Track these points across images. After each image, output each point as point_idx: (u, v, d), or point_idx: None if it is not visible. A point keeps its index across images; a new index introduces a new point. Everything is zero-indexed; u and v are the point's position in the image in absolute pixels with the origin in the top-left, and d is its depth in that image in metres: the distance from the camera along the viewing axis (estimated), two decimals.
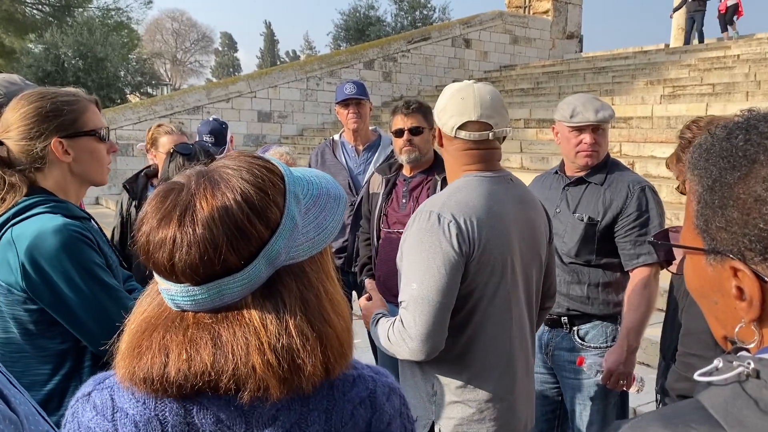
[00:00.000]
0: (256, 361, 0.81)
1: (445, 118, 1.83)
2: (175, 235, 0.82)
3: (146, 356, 0.83)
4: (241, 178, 0.85)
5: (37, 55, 17.78)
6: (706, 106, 8.92)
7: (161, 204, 0.85)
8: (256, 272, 0.84)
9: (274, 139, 14.08)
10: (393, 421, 0.93)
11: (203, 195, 0.84)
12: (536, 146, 9.36)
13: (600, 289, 2.54)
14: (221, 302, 0.85)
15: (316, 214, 0.91)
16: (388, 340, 1.75)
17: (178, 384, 0.81)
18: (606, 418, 2.56)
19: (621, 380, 2.39)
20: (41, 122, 1.59)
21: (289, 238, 0.86)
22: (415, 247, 1.71)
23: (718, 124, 0.75)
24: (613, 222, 2.49)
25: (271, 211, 0.85)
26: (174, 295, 0.85)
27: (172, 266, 0.83)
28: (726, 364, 0.65)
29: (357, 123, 3.70)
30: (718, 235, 0.70)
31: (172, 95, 14.25)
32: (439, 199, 1.78)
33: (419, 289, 1.67)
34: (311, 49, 59.14)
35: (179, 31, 54.56)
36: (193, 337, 0.83)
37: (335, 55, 15.99)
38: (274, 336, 0.82)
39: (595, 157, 2.55)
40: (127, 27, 22.94)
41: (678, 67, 12.57)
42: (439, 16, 24.99)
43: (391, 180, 3.12)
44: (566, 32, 19.10)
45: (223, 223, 0.82)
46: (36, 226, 1.51)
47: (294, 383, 0.83)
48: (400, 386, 0.99)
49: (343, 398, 0.90)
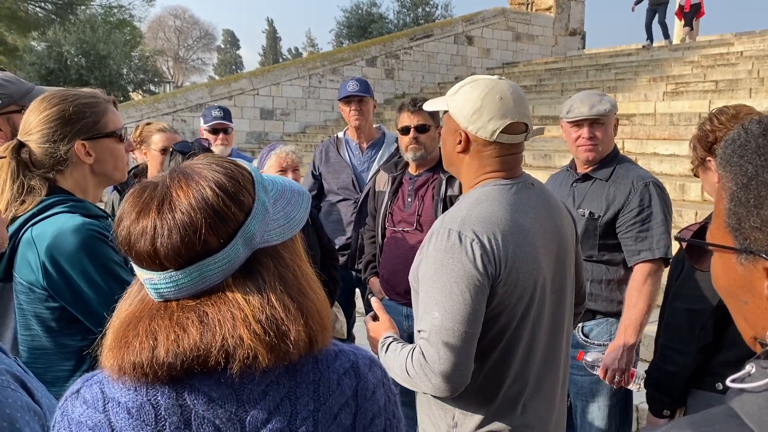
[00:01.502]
0: (242, 332, 0.85)
1: (482, 121, 1.61)
2: (155, 223, 0.87)
3: (134, 344, 0.85)
4: (212, 170, 0.91)
5: (40, 52, 17.77)
6: (709, 103, 8.90)
7: (138, 198, 0.90)
8: (234, 252, 0.88)
9: (277, 136, 14.07)
10: (377, 389, 0.97)
11: (178, 186, 0.89)
12: (539, 143, 9.35)
13: (603, 286, 2.55)
14: (203, 285, 0.88)
15: (284, 204, 0.97)
16: (407, 374, 1.55)
17: (168, 364, 0.84)
18: (609, 416, 2.57)
19: (618, 376, 2.40)
20: (64, 125, 1.62)
21: (262, 221, 0.92)
22: (435, 270, 1.53)
23: (752, 119, 0.73)
24: (615, 217, 2.50)
25: (243, 195, 0.90)
26: (157, 284, 0.88)
27: (154, 252, 0.86)
28: (759, 370, 0.63)
29: (359, 120, 3.71)
30: (751, 235, 0.68)
31: (174, 93, 14.25)
32: (457, 214, 1.59)
33: (442, 318, 1.49)
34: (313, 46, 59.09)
35: (181, 28, 54.50)
36: (179, 319, 0.86)
37: (338, 53, 15.97)
38: (257, 309, 0.87)
39: (595, 152, 2.56)
40: (129, 24, 22.95)
41: (681, 64, 12.54)
42: (442, 13, 24.92)
43: (396, 178, 3.12)
44: (569, 29, 19.04)
45: (201, 208, 0.87)
46: (55, 225, 1.54)
47: (281, 350, 0.87)
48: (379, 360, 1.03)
49: (328, 370, 0.94)
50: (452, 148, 1.70)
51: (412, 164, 3.06)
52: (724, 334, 1.81)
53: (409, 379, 1.56)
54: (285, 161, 2.94)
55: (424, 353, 1.52)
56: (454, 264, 1.52)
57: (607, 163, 2.59)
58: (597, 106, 2.52)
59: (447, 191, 2.93)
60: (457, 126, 1.66)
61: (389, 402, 0.99)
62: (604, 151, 2.58)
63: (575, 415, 2.66)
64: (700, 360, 1.84)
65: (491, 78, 1.69)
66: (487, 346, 1.58)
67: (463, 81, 1.73)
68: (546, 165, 8.45)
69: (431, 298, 1.53)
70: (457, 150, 1.68)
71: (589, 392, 2.58)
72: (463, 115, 1.64)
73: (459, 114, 1.65)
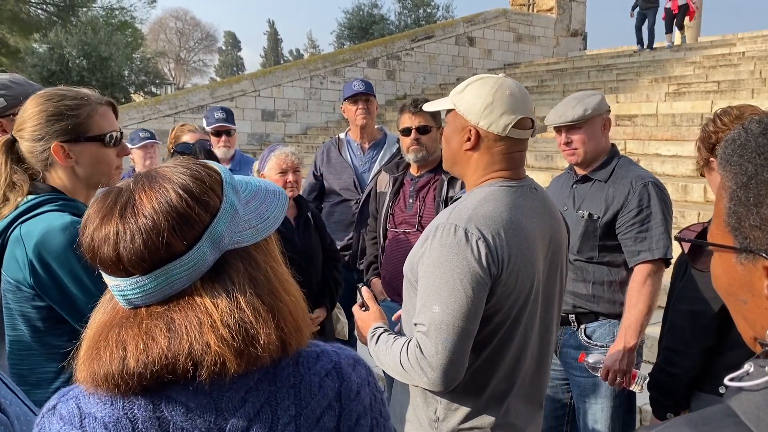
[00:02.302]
0: (210, 337, 0.83)
1: (494, 116, 1.63)
2: (117, 228, 0.85)
3: (104, 354, 0.84)
4: (178, 173, 0.89)
5: (41, 54, 17.81)
6: (712, 104, 8.89)
7: (102, 204, 0.88)
8: (200, 254, 0.86)
9: (278, 138, 14.07)
10: (361, 389, 0.95)
11: (142, 189, 0.87)
12: (541, 144, 9.34)
13: (605, 288, 2.54)
14: (171, 290, 0.86)
15: (256, 205, 0.95)
16: (401, 366, 1.56)
17: (138, 373, 0.82)
18: (612, 417, 2.56)
19: (619, 378, 2.39)
20: (44, 125, 1.61)
21: (230, 222, 0.89)
22: (438, 265, 1.54)
23: (752, 119, 0.73)
24: (614, 218, 2.48)
25: (209, 197, 0.88)
26: (124, 290, 0.87)
27: (117, 258, 0.85)
28: (757, 369, 0.63)
29: (366, 119, 3.71)
30: (751, 234, 0.68)
31: (176, 94, 14.26)
32: (464, 211, 1.60)
33: (442, 313, 1.51)
34: (315, 47, 59.12)
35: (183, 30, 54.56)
36: (148, 328, 0.85)
37: (339, 54, 15.97)
38: (225, 313, 0.85)
39: (576, 155, 2.56)
40: (131, 26, 22.97)
41: (683, 65, 12.53)
42: (443, 14, 24.93)
43: (398, 179, 3.12)
44: (570, 30, 19.03)
45: (164, 211, 0.85)
46: (44, 223, 1.53)
47: (251, 355, 0.85)
48: (363, 359, 1.01)
49: (309, 372, 0.92)
50: (459, 146, 1.70)
51: (413, 165, 3.06)
52: (727, 336, 1.79)
53: (403, 372, 1.56)
54: (285, 162, 2.94)
55: (421, 347, 1.52)
56: (458, 260, 1.52)
57: (605, 163, 2.58)
58: (568, 113, 2.52)
59: (449, 192, 2.93)
60: (466, 123, 1.67)
61: (375, 401, 0.97)
62: (589, 153, 2.55)
63: (578, 417, 2.65)
64: (703, 362, 1.83)
65: (496, 75, 1.71)
66: (478, 344, 1.59)
67: (467, 80, 1.74)
68: (548, 166, 8.44)
69: (432, 293, 1.54)
70: (466, 147, 1.68)
71: (591, 394, 2.57)
72: (473, 111, 1.65)
73: (469, 111, 1.66)
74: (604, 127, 2.59)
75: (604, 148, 2.60)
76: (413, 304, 1.64)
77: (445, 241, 1.55)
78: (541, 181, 7.36)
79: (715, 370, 1.83)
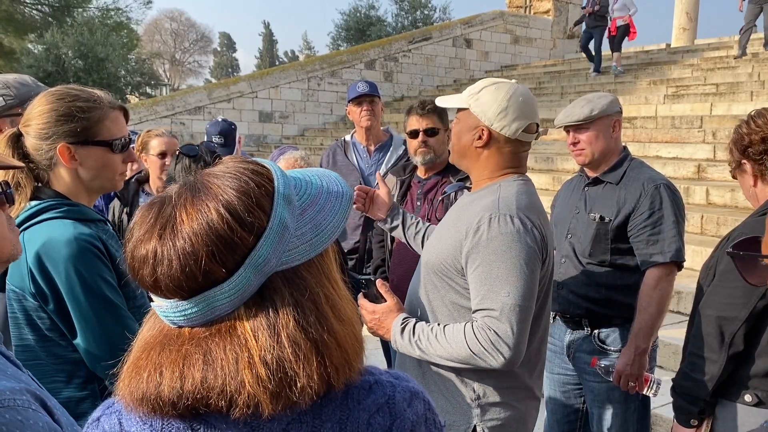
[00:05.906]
0: (245, 375, 0.78)
1: (507, 120, 1.77)
2: (155, 249, 0.80)
3: (142, 375, 0.81)
4: (224, 185, 0.82)
5: (37, 55, 17.74)
6: (711, 106, 8.91)
7: (145, 218, 0.83)
8: (243, 281, 0.80)
9: (275, 139, 14.05)
10: (416, 427, 0.87)
11: (183, 206, 0.81)
12: (540, 146, 9.34)
13: (618, 292, 2.51)
14: (213, 315, 0.81)
15: (313, 214, 0.87)
16: (469, 350, 1.65)
17: (172, 402, 0.78)
18: (626, 422, 2.53)
19: (631, 382, 2.36)
20: (53, 125, 1.57)
21: (278, 242, 0.82)
22: (502, 252, 1.65)
23: None
24: (626, 221, 2.46)
25: (254, 215, 0.81)
26: (165, 311, 0.83)
27: (155, 282, 0.81)
28: None
29: (371, 120, 3.68)
30: None
31: (173, 95, 14.22)
32: (508, 202, 1.72)
33: (514, 296, 1.63)
34: (310, 49, 59.11)
35: (178, 31, 54.51)
36: (187, 354, 0.80)
37: (336, 55, 15.96)
38: (265, 348, 0.79)
39: (583, 155, 2.56)
40: (126, 27, 22.88)
41: (681, 67, 12.55)
42: (440, 16, 24.98)
43: (405, 182, 3.09)
44: (567, 32, 19.07)
45: (203, 233, 0.79)
46: (47, 233, 1.51)
47: (287, 398, 0.78)
48: (424, 390, 0.93)
49: (357, 407, 0.85)
50: (470, 142, 1.83)
51: (421, 168, 3.03)
52: (755, 343, 1.76)
53: (471, 356, 1.64)
54: (293, 167, 2.90)
55: (495, 330, 1.63)
56: (522, 246, 1.65)
57: (617, 165, 2.55)
58: (575, 112, 2.54)
59: (456, 194, 2.90)
60: (479, 123, 1.81)
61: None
62: (597, 153, 2.54)
63: (591, 423, 2.63)
64: (729, 369, 1.80)
65: (510, 81, 1.85)
66: None
67: (482, 82, 1.86)
68: (548, 168, 8.43)
69: (499, 278, 1.64)
70: (477, 145, 1.82)
71: (605, 399, 2.54)
72: (488, 113, 1.79)
73: (484, 112, 1.79)
74: (613, 128, 2.57)
75: (614, 149, 2.58)
76: (440, 294, 1.79)
77: (505, 230, 1.66)
78: (542, 183, 7.41)
79: (741, 377, 1.80)
